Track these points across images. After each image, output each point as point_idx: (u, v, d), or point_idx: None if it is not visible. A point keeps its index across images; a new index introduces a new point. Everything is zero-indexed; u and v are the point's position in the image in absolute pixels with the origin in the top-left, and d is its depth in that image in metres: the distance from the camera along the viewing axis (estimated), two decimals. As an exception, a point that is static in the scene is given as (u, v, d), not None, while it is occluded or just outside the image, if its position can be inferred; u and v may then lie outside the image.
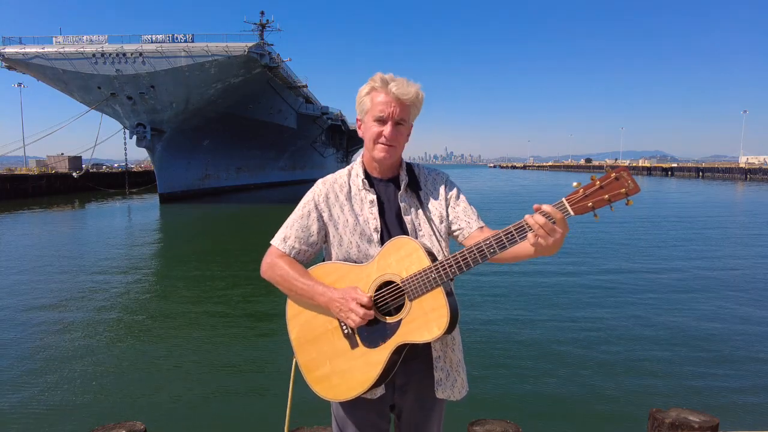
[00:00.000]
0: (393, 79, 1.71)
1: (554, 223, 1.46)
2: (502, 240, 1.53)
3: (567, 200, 1.48)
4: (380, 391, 1.76)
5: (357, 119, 1.82)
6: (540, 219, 1.46)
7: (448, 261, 1.59)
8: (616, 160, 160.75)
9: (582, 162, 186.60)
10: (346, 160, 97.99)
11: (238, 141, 45.70)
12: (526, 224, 1.49)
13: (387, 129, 1.71)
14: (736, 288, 10.58)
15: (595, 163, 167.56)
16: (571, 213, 1.47)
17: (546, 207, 1.46)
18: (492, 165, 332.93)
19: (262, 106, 42.93)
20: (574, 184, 1.47)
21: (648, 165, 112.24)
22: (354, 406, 1.79)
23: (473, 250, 1.57)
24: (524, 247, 1.55)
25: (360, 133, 1.83)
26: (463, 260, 1.57)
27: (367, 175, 1.83)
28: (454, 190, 1.87)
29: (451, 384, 1.80)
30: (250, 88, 37.46)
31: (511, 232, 1.52)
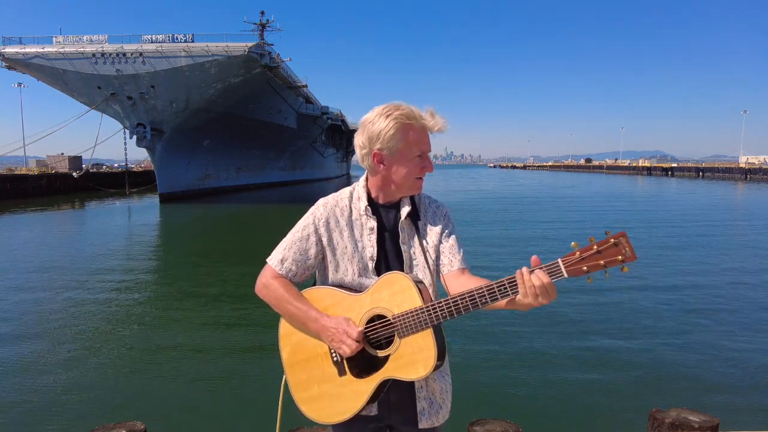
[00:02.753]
0: (421, 112, 1.71)
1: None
2: (495, 292, 1.56)
3: (563, 261, 1.50)
4: (375, 410, 1.77)
5: (375, 153, 1.71)
6: (537, 281, 1.48)
7: (440, 305, 1.60)
8: (616, 160, 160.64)
9: (582, 162, 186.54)
10: (346, 160, 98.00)
11: (238, 141, 45.69)
12: (521, 281, 1.51)
13: (430, 164, 1.76)
14: (737, 286, 10.57)
15: (595, 163, 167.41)
16: (565, 276, 1.50)
17: (540, 273, 1.49)
18: (492, 165, 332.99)
19: (262, 106, 42.95)
20: (572, 244, 1.49)
21: (648, 165, 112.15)
22: (350, 425, 1.79)
23: (465, 299, 1.58)
24: (508, 300, 1.59)
25: (379, 168, 1.74)
26: (455, 307, 1.58)
27: (370, 202, 1.82)
28: (450, 226, 1.87)
29: (435, 411, 1.81)
30: (250, 88, 37.47)
31: (504, 285, 1.54)
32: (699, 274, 11.83)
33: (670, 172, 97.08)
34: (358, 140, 1.76)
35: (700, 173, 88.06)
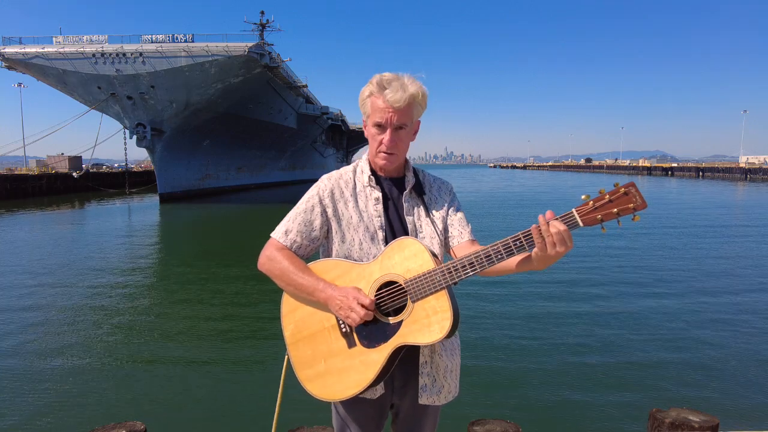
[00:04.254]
0: (389, 83, 1.66)
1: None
2: (510, 246, 1.54)
3: (577, 211, 1.50)
4: (380, 390, 1.76)
5: (363, 120, 1.80)
6: (554, 229, 1.48)
7: (454, 264, 1.58)
8: (616, 160, 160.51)
9: (582, 162, 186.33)
10: (346, 160, 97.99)
11: (238, 141, 45.72)
12: (537, 234, 1.49)
13: (386, 137, 1.69)
14: (736, 287, 10.57)
15: (595, 163, 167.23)
16: (581, 224, 1.50)
17: (556, 222, 1.49)
18: (492, 165, 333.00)
19: (262, 106, 42.95)
20: (583, 196, 1.50)
21: (648, 165, 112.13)
22: (356, 403, 1.79)
23: (480, 255, 1.56)
24: (521, 257, 1.57)
25: (366, 133, 1.81)
26: (469, 264, 1.57)
27: (373, 173, 1.82)
28: (456, 202, 1.89)
29: (437, 390, 1.78)
30: (250, 88, 37.47)
31: (520, 239, 1.53)
32: (699, 275, 11.82)
33: (670, 172, 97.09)
34: None
35: (700, 173, 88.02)
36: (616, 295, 10.02)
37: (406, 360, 1.70)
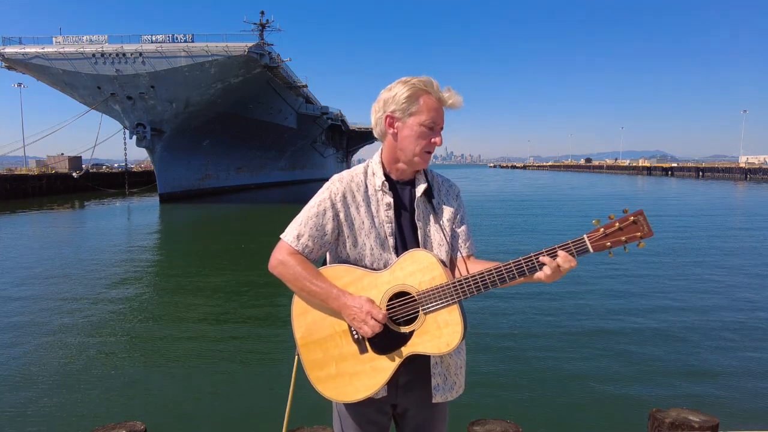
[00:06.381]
0: (439, 87, 1.72)
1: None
2: (522, 266, 1.61)
3: (588, 237, 1.58)
4: (383, 391, 1.77)
5: (387, 116, 1.73)
6: (564, 255, 1.57)
7: (467, 281, 1.63)
8: (616, 160, 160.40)
9: (582, 162, 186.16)
10: (346, 160, 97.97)
11: (238, 141, 45.73)
12: (548, 257, 1.58)
13: (439, 139, 1.74)
14: (737, 288, 10.57)
15: (595, 163, 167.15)
16: (591, 251, 1.58)
17: (565, 256, 1.58)
18: (492, 165, 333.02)
19: (262, 106, 42.96)
20: (594, 221, 1.59)
21: (648, 165, 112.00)
22: (357, 405, 1.79)
23: (493, 273, 1.62)
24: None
25: (389, 131, 1.74)
26: (482, 282, 1.62)
27: (386, 176, 1.81)
28: (462, 209, 1.90)
29: (450, 387, 1.81)
30: (250, 88, 37.47)
31: (532, 260, 1.60)
32: (700, 275, 11.82)
33: (670, 172, 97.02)
34: (374, 107, 1.77)
35: (700, 173, 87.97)
36: (616, 296, 10.02)
37: (413, 360, 1.71)
